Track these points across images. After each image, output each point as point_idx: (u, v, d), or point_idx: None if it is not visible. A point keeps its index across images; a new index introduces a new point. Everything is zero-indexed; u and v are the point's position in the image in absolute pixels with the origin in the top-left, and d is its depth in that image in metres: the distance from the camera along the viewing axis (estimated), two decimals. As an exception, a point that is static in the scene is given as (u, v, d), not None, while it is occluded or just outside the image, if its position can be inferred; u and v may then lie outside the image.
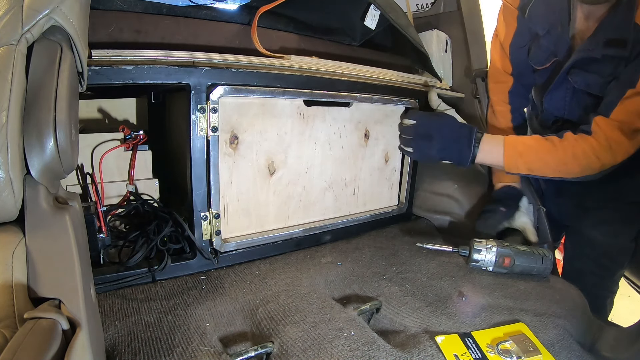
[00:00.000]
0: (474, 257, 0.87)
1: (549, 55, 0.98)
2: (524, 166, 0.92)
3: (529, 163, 0.91)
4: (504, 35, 1.07)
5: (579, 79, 0.93)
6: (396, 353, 0.59)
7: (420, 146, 0.99)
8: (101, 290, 0.71)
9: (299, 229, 0.96)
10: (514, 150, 0.92)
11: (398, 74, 1.06)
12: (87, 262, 0.47)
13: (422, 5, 1.42)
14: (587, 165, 0.87)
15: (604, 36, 0.86)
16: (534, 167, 0.92)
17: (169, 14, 0.80)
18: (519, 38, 1.04)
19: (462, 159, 0.96)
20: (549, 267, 0.88)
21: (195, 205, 0.79)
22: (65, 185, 0.87)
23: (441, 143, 0.96)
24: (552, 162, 0.90)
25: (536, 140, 0.92)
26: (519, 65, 1.08)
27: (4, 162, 0.38)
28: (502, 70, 1.12)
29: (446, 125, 0.97)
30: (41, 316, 0.35)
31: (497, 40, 1.11)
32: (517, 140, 0.94)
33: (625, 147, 0.85)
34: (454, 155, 0.96)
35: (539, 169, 0.92)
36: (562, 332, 0.69)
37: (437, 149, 0.97)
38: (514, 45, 1.06)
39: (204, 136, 0.76)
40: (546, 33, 0.97)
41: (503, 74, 1.12)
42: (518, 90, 1.12)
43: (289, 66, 0.85)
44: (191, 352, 0.57)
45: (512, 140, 0.94)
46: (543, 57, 1.00)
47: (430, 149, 0.98)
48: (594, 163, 0.87)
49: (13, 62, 0.40)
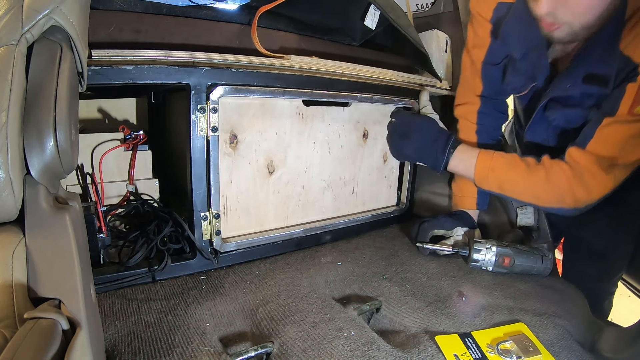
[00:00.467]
0: (474, 257, 0.87)
1: (526, 81, 0.92)
2: (494, 182, 0.89)
3: (499, 180, 0.88)
4: (476, 51, 0.98)
5: (557, 116, 0.88)
6: (396, 353, 0.60)
7: (398, 144, 1.00)
8: (101, 290, 0.71)
9: (300, 229, 0.96)
10: (487, 164, 0.89)
11: (398, 74, 1.06)
12: (87, 262, 0.47)
13: (422, 5, 1.43)
14: (560, 196, 0.82)
15: (584, 70, 0.79)
16: (505, 187, 0.88)
17: (169, 14, 0.80)
18: (493, 55, 0.95)
19: (436, 163, 0.95)
20: (548, 266, 0.88)
21: (195, 205, 0.79)
22: (65, 185, 0.87)
23: (417, 143, 0.96)
24: (522, 184, 0.86)
25: (512, 158, 0.88)
26: (491, 84, 0.99)
27: (4, 162, 0.38)
28: (470, 91, 1.02)
29: (424, 128, 0.96)
30: (41, 316, 0.35)
31: (468, 55, 1.01)
32: (493, 155, 0.89)
33: (601, 183, 0.79)
34: (429, 158, 0.96)
35: (509, 189, 0.88)
36: (562, 332, 0.69)
37: (412, 148, 0.97)
38: (487, 62, 0.97)
39: (203, 136, 0.76)
40: (523, 56, 0.88)
41: (471, 95, 1.03)
42: (488, 110, 1.02)
43: (289, 66, 0.85)
44: (191, 352, 0.57)
45: (487, 154, 0.90)
46: (520, 83, 0.93)
47: (406, 148, 0.98)
48: (567, 196, 0.81)
49: (13, 62, 0.40)
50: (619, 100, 0.75)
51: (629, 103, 0.75)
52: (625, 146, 0.77)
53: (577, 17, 0.72)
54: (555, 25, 0.74)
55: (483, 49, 0.96)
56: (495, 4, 0.90)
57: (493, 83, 0.99)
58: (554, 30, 0.75)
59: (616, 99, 0.76)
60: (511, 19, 0.88)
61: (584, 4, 0.71)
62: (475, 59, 0.98)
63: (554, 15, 0.73)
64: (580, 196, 0.81)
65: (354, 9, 1.03)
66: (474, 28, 0.97)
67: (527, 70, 0.90)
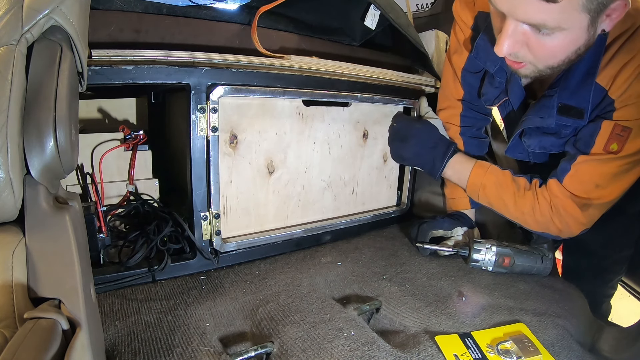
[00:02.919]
0: (474, 257, 0.87)
1: (500, 94, 0.89)
2: (484, 199, 0.91)
3: (489, 198, 0.90)
4: (456, 57, 0.96)
5: (532, 142, 0.86)
6: (396, 353, 0.60)
7: (397, 147, 1.00)
8: (101, 290, 0.71)
9: (300, 229, 0.96)
10: (479, 180, 0.90)
11: (398, 74, 1.06)
12: (87, 262, 0.47)
13: (422, 5, 1.43)
14: (545, 225, 0.83)
15: (558, 100, 0.77)
16: (494, 204, 0.90)
17: (169, 14, 0.80)
18: (473, 63, 0.92)
19: (433, 170, 0.95)
20: (548, 266, 0.88)
21: (195, 205, 0.79)
22: (65, 185, 0.87)
23: (416, 148, 0.97)
24: (511, 206, 0.87)
25: (504, 177, 0.88)
26: (471, 90, 0.98)
27: (4, 162, 0.38)
28: (451, 95, 1.01)
29: (424, 134, 0.96)
30: (41, 316, 0.35)
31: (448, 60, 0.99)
32: (486, 171, 0.90)
33: (578, 220, 0.80)
34: (426, 164, 0.96)
35: (498, 207, 0.90)
36: (562, 332, 0.69)
37: (411, 152, 0.97)
38: (467, 69, 0.95)
39: (203, 136, 0.76)
40: (497, 70, 0.86)
41: (452, 99, 1.01)
42: (470, 113, 1.01)
43: (289, 66, 0.85)
44: (191, 352, 0.57)
45: (480, 168, 0.91)
46: (493, 96, 0.91)
47: (405, 152, 0.98)
48: (551, 225, 0.82)
49: (13, 62, 0.40)
50: (595, 137, 0.75)
51: (604, 140, 0.74)
52: (600, 183, 0.76)
53: (540, 60, 0.68)
54: (520, 64, 0.70)
55: (463, 55, 0.94)
56: (477, 12, 0.88)
57: (473, 90, 0.98)
58: (518, 69, 0.72)
59: (592, 134, 0.75)
60: (485, 33, 0.85)
61: (546, 50, 0.65)
62: (455, 65, 0.97)
63: (515, 55, 0.68)
64: (563, 229, 0.82)
65: (354, 9, 1.03)
66: (455, 33, 0.95)
67: (501, 84, 0.89)
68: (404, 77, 1.08)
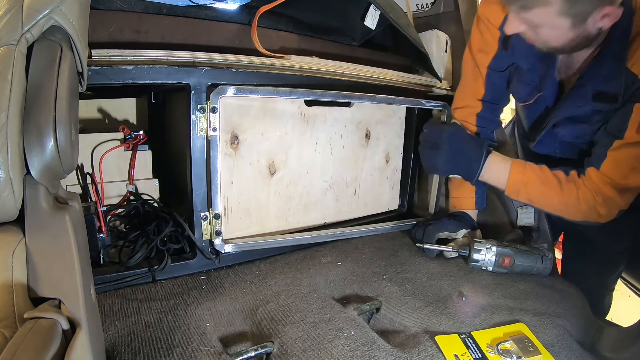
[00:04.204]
0: (474, 257, 0.87)
1: (532, 91, 0.92)
2: (525, 197, 0.90)
3: (531, 195, 0.89)
4: (481, 55, 0.96)
5: (566, 132, 0.89)
6: (396, 353, 0.59)
7: (429, 155, 0.96)
8: (101, 290, 0.71)
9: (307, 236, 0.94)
10: (520, 178, 0.89)
11: (398, 74, 1.06)
12: (87, 262, 0.47)
13: (422, 5, 1.43)
14: (588, 212, 0.84)
15: (592, 88, 0.81)
16: (535, 200, 0.89)
17: (169, 14, 0.80)
18: (499, 62, 0.94)
19: (470, 174, 0.92)
20: (549, 266, 0.88)
21: (195, 205, 0.79)
22: (65, 185, 0.87)
23: (448, 154, 0.92)
24: (554, 201, 0.87)
25: (543, 173, 0.88)
26: (493, 90, 0.98)
27: (4, 162, 0.38)
28: (471, 94, 1.01)
29: (455, 138, 0.92)
30: (41, 316, 0.35)
31: (472, 59, 0.98)
32: (525, 169, 0.89)
33: (617, 204, 0.82)
34: (462, 169, 0.93)
35: (539, 203, 0.90)
36: (562, 332, 0.69)
37: (443, 159, 0.93)
38: (492, 68, 0.96)
39: (204, 136, 0.76)
40: (531, 67, 0.89)
41: (472, 98, 1.01)
42: (487, 115, 1.01)
43: (289, 66, 0.85)
44: (191, 352, 0.57)
45: (519, 166, 0.90)
46: (526, 92, 0.93)
47: (437, 159, 0.94)
48: (593, 212, 0.84)
49: (13, 62, 0.40)
50: (627, 121, 0.77)
51: (637, 123, 0.76)
52: (637, 166, 0.78)
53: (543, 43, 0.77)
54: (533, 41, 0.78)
55: (489, 54, 0.95)
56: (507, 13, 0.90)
57: (495, 89, 0.98)
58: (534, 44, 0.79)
59: (624, 119, 0.78)
60: None
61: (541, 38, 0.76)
62: (480, 63, 0.97)
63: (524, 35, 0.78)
64: (604, 214, 0.83)
65: (354, 9, 1.03)
66: (480, 32, 0.95)
67: (533, 81, 0.91)
68: (404, 77, 1.08)
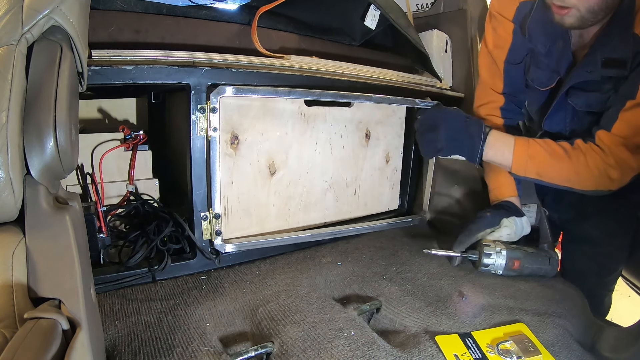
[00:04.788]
0: (485, 262, 0.85)
1: (552, 75, 0.93)
2: (533, 170, 0.87)
3: (538, 167, 0.87)
4: (497, 51, 0.98)
5: (579, 100, 0.90)
6: (396, 353, 0.59)
7: (427, 139, 0.93)
8: (101, 290, 0.71)
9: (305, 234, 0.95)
10: (525, 151, 0.87)
11: (398, 74, 1.06)
12: (87, 262, 0.47)
13: (422, 5, 1.43)
14: (599, 178, 0.83)
15: (601, 55, 0.83)
16: (544, 173, 0.87)
17: (169, 14, 0.80)
18: (514, 54, 0.97)
19: (473, 152, 0.90)
20: (555, 267, 0.88)
21: (195, 205, 0.79)
22: (65, 185, 0.87)
23: (447, 133, 0.90)
24: (563, 169, 0.85)
25: (548, 144, 0.87)
26: (512, 83, 1.00)
27: (4, 162, 0.38)
28: (491, 89, 1.03)
29: (452, 116, 0.91)
30: (41, 316, 0.35)
31: (488, 55, 1.01)
32: (528, 142, 0.88)
33: (630, 165, 0.81)
34: (464, 147, 0.90)
35: (548, 175, 0.87)
36: (562, 332, 0.69)
37: (444, 139, 0.90)
38: (509, 62, 0.98)
39: (204, 136, 0.76)
40: (547, 51, 0.91)
41: (492, 93, 1.03)
42: (510, 107, 1.04)
43: (289, 66, 0.85)
44: (191, 352, 0.57)
45: (523, 140, 0.88)
46: (546, 77, 0.94)
47: (437, 140, 0.90)
48: (604, 177, 0.82)
49: (13, 62, 0.40)
50: (637, 84, 0.79)
51: None
52: None
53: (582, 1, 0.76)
54: (565, 10, 0.78)
55: (505, 48, 0.97)
56: (518, 4, 0.93)
57: (514, 82, 1.01)
58: (564, 16, 0.79)
59: (634, 82, 0.79)
60: (535, 15, 0.91)
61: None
62: (497, 58, 0.99)
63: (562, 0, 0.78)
64: (616, 178, 0.83)
65: (354, 9, 1.03)
66: (494, 28, 0.98)
67: (550, 64, 0.93)
68: (404, 77, 1.08)
